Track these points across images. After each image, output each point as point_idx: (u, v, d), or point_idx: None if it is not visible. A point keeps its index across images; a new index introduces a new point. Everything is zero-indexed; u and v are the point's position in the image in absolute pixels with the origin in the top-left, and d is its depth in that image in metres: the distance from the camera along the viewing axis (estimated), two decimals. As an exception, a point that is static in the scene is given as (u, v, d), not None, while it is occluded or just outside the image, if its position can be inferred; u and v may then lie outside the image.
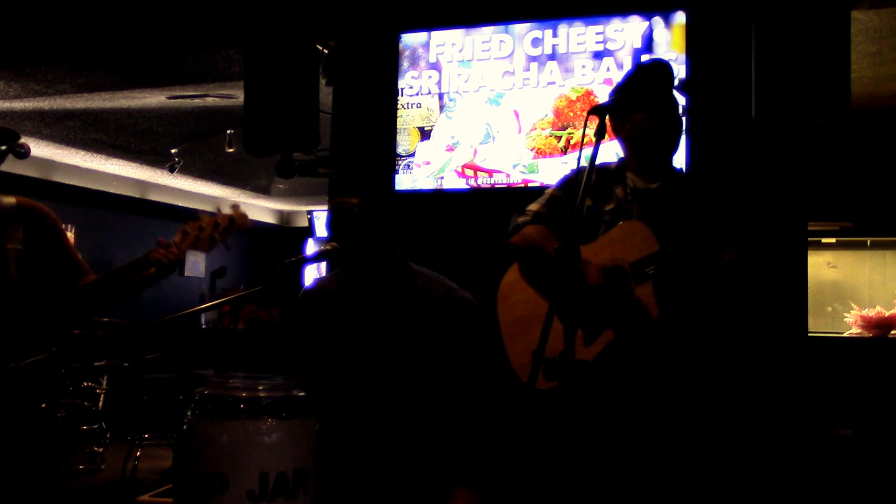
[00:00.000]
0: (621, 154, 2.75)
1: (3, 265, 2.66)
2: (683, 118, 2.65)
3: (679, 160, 3.76)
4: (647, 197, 2.55)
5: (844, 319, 4.87)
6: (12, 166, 3.05)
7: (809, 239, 4.11)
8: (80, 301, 2.75)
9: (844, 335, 4.70)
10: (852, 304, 4.96)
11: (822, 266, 6.37)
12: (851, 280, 6.32)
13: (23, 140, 2.84)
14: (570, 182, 2.72)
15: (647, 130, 2.56)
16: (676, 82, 2.73)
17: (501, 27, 4.24)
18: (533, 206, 2.75)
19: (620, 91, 2.65)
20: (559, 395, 2.43)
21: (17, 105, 6.70)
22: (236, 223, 2.59)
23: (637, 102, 2.57)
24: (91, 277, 2.81)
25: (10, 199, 2.78)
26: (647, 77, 2.60)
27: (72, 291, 2.75)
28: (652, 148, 2.59)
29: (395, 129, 4.40)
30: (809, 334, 3.91)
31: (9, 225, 2.72)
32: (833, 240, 6.27)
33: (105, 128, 7.55)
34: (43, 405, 2.64)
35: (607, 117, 2.39)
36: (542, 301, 2.61)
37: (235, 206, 2.64)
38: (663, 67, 2.70)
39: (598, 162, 2.73)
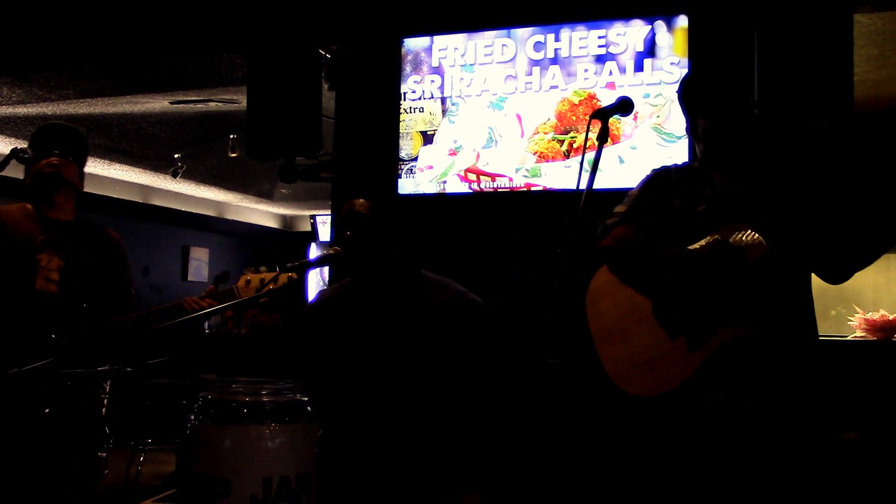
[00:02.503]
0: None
1: (74, 279, 2.95)
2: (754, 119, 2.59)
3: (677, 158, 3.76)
4: (738, 196, 2.49)
5: (848, 323, 4.85)
6: (16, 171, 3.07)
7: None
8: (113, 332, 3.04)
9: (848, 338, 4.69)
10: (856, 308, 4.94)
11: (826, 269, 6.33)
12: (855, 283, 6.29)
13: (23, 145, 2.90)
14: (653, 182, 2.65)
15: (712, 135, 2.50)
16: (679, 85, 2.69)
17: (504, 31, 4.24)
18: (618, 209, 2.66)
19: (681, 98, 2.62)
20: (656, 402, 2.40)
21: (21, 110, 6.71)
22: (291, 279, 2.77)
23: (697, 108, 2.53)
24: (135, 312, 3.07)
25: (97, 227, 3.14)
26: (699, 85, 2.57)
27: (111, 322, 3.02)
28: (724, 151, 2.52)
29: (398, 133, 4.41)
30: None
31: (85, 247, 3.03)
32: (836, 243, 6.23)
33: (108, 133, 7.55)
34: (46, 410, 2.65)
35: (611, 119, 2.37)
36: (639, 302, 2.52)
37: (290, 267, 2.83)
38: (714, 72, 2.67)
39: (679, 162, 2.71)
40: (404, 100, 4.42)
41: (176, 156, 7.99)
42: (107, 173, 9.39)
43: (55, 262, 2.93)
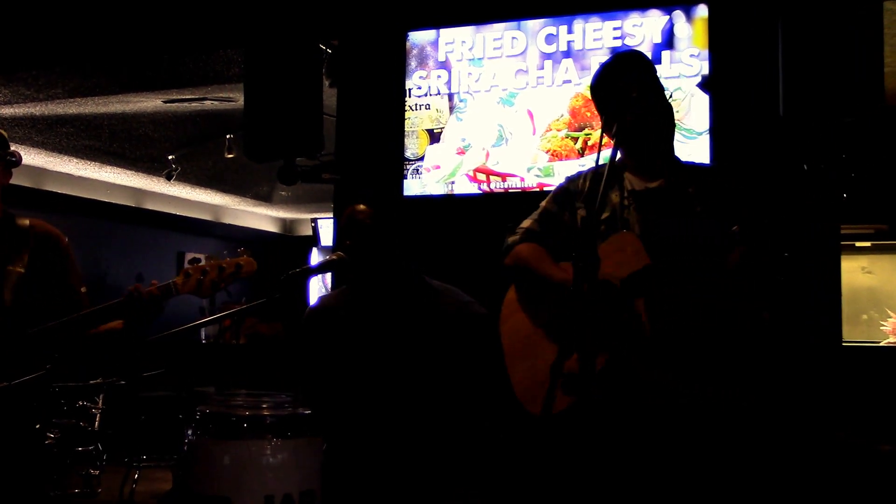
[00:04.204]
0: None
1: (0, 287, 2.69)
2: (672, 105, 2.63)
3: (697, 156, 3.76)
4: (647, 198, 2.53)
5: (881, 328, 4.85)
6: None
7: (843, 243, 4.10)
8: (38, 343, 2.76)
9: (881, 344, 4.68)
10: (889, 312, 4.94)
11: (857, 272, 6.33)
12: (888, 286, 6.28)
13: (13, 147, 2.86)
14: (562, 193, 2.71)
15: (637, 130, 2.52)
16: (699, 78, 2.71)
17: (514, 24, 4.24)
18: (525, 223, 2.76)
19: (595, 92, 2.64)
20: (564, 420, 2.43)
21: (7, 111, 6.74)
22: (243, 270, 2.59)
23: (619, 104, 2.53)
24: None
25: (24, 221, 2.86)
26: (621, 74, 2.58)
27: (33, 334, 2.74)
28: (647, 145, 2.56)
29: (403, 131, 4.41)
30: (844, 343, 3.89)
31: (16, 247, 2.78)
32: (868, 243, 6.23)
33: (99, 134, 7.58)
34: (37, 426, 2.66)
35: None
36: (539, 323, 2.59)
37: (243, 252, 2.63)
38: (635, 58, 2.69)
39: (590, 166, 2.73)
40: (409, 96, 4.43)
41: (170, 157, 8.01)
42: (98, 176, 9.42)
43: None
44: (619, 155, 2.51)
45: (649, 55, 3.94)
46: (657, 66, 3.90)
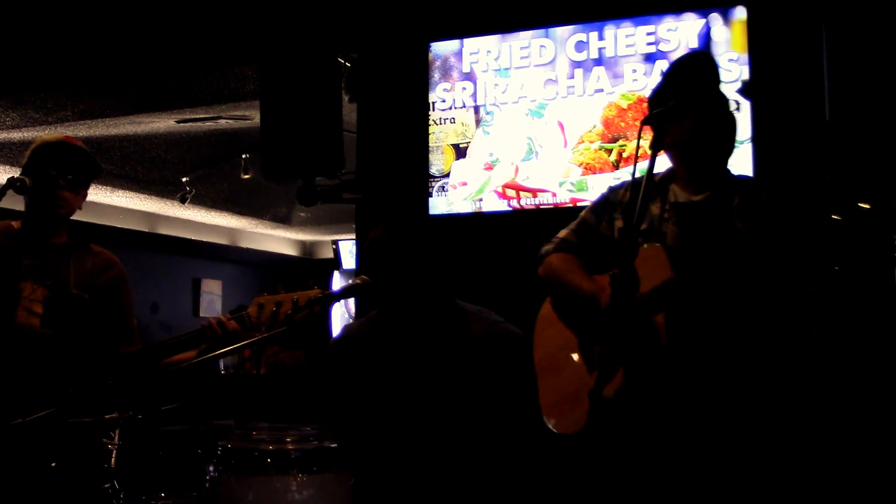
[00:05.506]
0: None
1: (60, 310, 2.80)
2: (736, 115, 2.63)
3: (739, 166, 3.75)
4: (689, 211, 2.54)
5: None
6: (13, 202, 3.10)
7: (897, 255, 4.05)
8: (116, 369, 2.87)
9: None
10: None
11: (914, 284, 6.26)
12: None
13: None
14: (602, 203, 2.74)
15: (697, 136, 2.53)
16: (739, 84, 2.70)
17: (541, 31, 4.25)
18: (561, 233, 2.80)
19: (660, 94, 2.64)
20: (585, 437, 2.44)
21: (16, 135, 6.82)
22: (314, 302, 2.58)
23: (684, 106, 2.53)
24: (136, 346, 2.94)
25: (91, 247, 2.98)
26: (688, 74, 2.58)
27: (111, 357, 2.88)
28: (704, 155, 2.56)
29: (428, 147, 4.43)
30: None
31: (77, 273, 2.88)
32: (925, 255, 6.17)
33: (110, 157, 7.66)
34: (53, 464, 2.68)
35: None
36: (569, 336, 2.63)
37: (312, 284, 2.67)
38: (704, 59, 2.69)
39: (632, 178, 2.75)
40: (433, 110, 4.45)
41: (184, 179, 8.08)
42: (109, 201, 9.50)
43: (39, 291, 2.79)
44: (664, 165, 2.52)
45: (685, 61, 3.95)
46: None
